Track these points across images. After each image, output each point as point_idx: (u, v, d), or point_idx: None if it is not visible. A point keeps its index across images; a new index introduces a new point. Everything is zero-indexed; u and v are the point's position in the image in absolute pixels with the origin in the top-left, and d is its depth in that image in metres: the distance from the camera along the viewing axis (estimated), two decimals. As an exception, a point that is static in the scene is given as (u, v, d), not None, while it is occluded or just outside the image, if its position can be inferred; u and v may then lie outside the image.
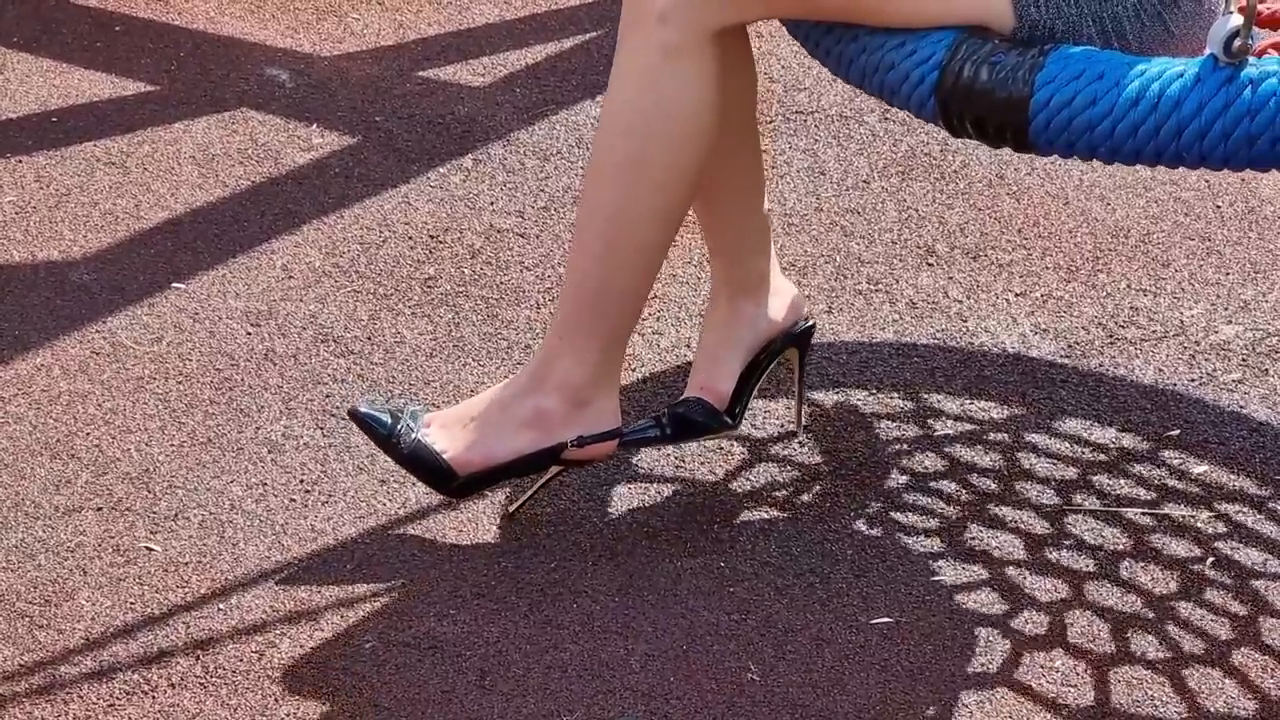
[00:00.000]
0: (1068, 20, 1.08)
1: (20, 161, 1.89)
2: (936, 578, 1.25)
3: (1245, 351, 1.57)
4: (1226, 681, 1.14)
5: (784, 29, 1.31)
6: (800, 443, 1.43)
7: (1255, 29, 1.04)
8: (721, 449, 1.41)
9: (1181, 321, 1.62)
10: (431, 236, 1.77)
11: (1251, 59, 1.00)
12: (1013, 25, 1.08)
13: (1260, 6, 1.14)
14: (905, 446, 1.43)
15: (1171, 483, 1.37)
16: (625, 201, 1.16)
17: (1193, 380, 1.52)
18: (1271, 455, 1.41)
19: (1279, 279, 1.70)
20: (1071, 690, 1.13)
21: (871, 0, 1.10)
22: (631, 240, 1.17)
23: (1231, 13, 1.00)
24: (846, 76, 1.19)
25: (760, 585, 1.24)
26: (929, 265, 1.72)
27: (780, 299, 1.33)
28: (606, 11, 2.20)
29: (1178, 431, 1.44)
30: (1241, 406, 1.48)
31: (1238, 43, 0.97)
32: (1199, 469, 1.38)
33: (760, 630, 1.19)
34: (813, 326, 1.39)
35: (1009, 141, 1.07)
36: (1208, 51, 1.00)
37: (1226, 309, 1.64)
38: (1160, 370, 1.54)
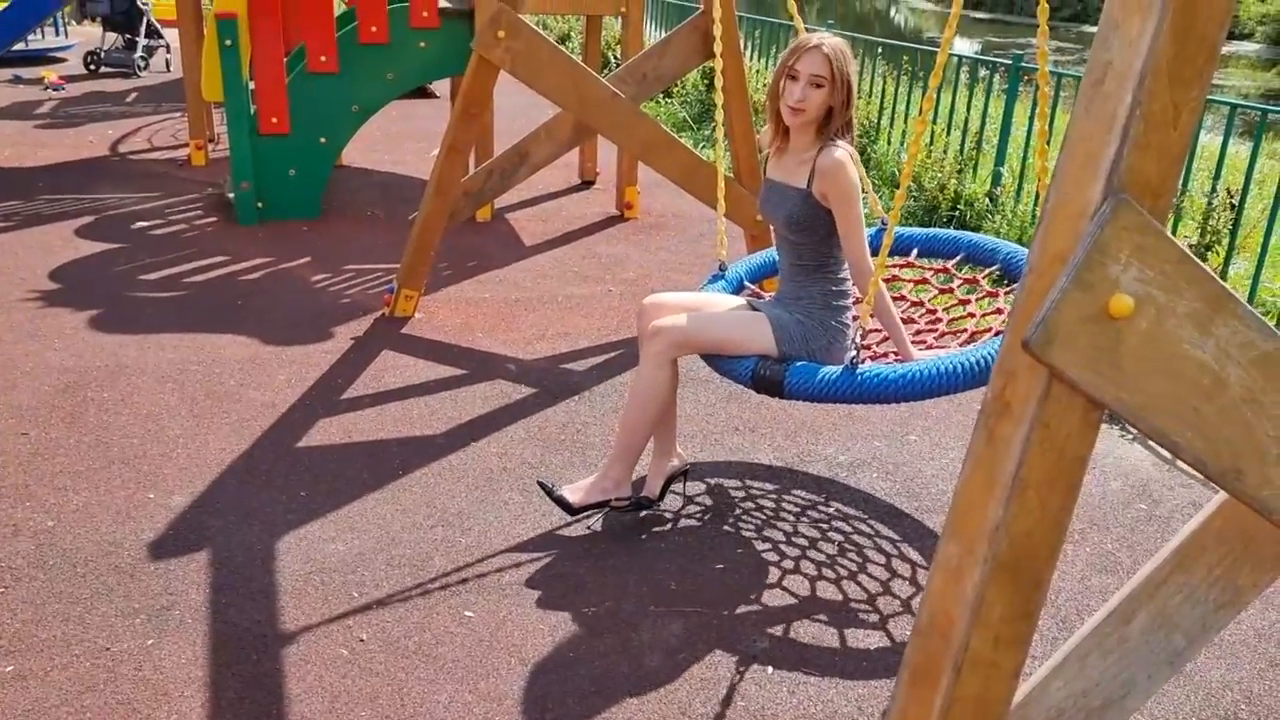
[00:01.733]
0: (798, 351, 2.86)
1: None
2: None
3: None
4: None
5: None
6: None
7: (865, 356, 2.90)
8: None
9: None
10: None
11: (861, 366, 2.68)
12: (778, 353, 2.86)
13: (867, 349, 3.05)
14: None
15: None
16: (638, 414, 2.94)
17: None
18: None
19: None
20: None
21: (724, 346, 2.88)
22: (639, 427, 2.96)
23: (857, 345, 2.71)
24: (717, 369, 2.93)
25: None
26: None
27: (679, 458, 3.20)
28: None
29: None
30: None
31: (852, 359, 2.69)
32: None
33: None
34: (688, 465, 3.28)
35: (777, 395, 2.78)
36: (845, 362, 2.71)
37: None
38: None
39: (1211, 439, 1.17)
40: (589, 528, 3.05)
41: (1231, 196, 4.71)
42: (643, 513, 3.13)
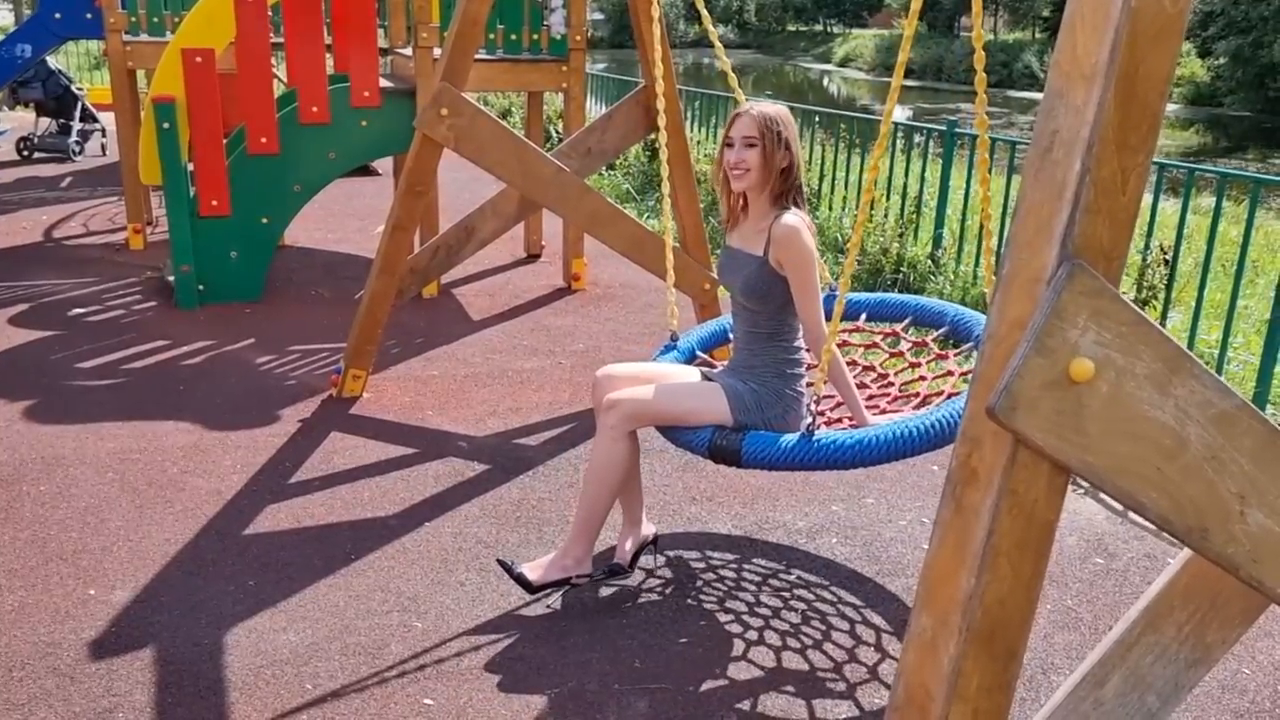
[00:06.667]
0: (754, 420, 2.86)
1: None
2: None
3: None
4: None
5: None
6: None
7: (820, 423, 2.93)
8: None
9: None
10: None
11: (817, 433, 2.70)
12: (733, 422, 2.86)
13: (821, 415, 3.06)
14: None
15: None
16: (598, 488, 2.91)
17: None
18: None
19: None
20: None
21: (680, 417, 2.87)
22: (599, 502, 2.93)
23: (813, 412, 2.73)
24: (673, 440, 2.93)
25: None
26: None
27: (648, 527, 3.22)
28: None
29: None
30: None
31: (809, 426, 2.72)
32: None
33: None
34: (657, 534, 3.28)
35: (734, 465, 2.78)
36: (801, 429, 2.79)
37: None
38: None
39: (1176, 498, 1.17)
40: (549, 606, 2.98)
41: (1165, 253, 4.84)
42: (614, 580, 3.08)
